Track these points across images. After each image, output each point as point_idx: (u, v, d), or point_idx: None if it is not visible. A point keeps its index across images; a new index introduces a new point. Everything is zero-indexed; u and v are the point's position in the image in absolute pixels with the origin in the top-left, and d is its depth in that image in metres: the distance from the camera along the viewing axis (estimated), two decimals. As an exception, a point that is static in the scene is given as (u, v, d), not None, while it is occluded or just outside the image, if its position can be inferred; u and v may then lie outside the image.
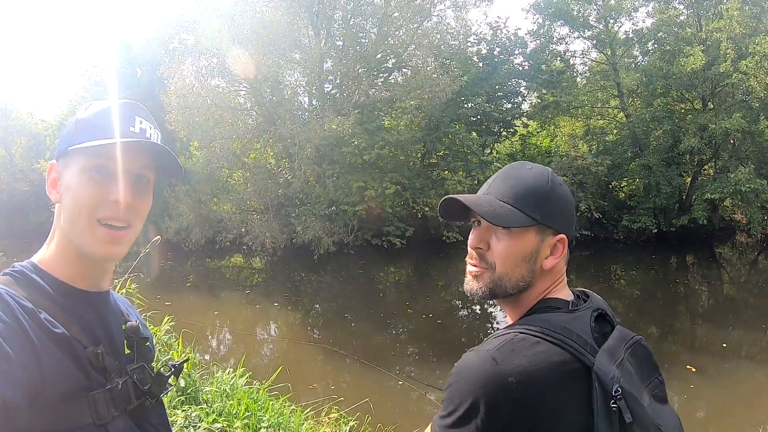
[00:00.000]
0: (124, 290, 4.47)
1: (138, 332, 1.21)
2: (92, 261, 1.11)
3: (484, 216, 1.14)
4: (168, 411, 3.61)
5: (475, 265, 1.19)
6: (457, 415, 1.00)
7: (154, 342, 4.46)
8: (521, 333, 1.06)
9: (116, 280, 4.57)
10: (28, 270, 1.07)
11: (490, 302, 1.24)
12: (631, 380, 1.07)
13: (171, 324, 4.92)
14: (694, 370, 8.59)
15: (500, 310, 1.35)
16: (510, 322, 1.21)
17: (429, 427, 1.07)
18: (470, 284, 1.20)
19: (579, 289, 1.27)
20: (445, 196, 1.22)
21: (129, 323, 1.21)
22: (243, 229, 18.63)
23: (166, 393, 1.22)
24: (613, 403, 1.00)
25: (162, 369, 1.21)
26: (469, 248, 1.21)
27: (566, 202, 1.19)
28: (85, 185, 1.07)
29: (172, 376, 1.23)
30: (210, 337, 10.58)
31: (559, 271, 1.20)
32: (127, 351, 1.18)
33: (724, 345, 10.06)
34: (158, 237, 4.16)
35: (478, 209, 1.15)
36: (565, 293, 1.20)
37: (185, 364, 4.20)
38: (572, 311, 1.14)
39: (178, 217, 18.98)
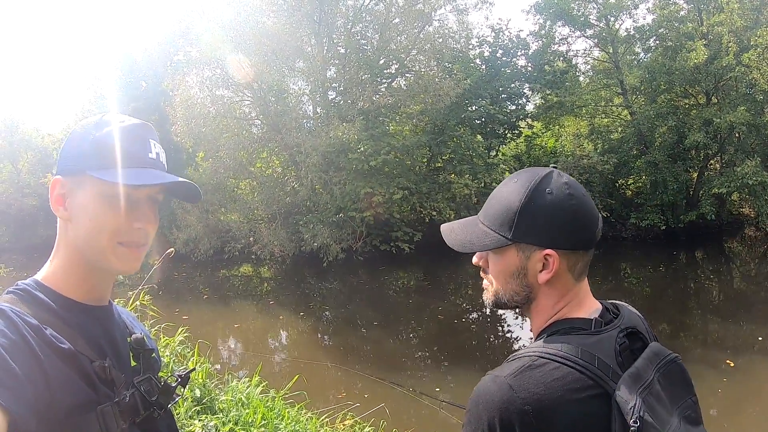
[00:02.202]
0: (138, 302, 4.50)
1: (143, 344, 1.22)
2: (104, 276, 1.15)
3: (452, 246, 1.24)
4: (185, 421, 3.64)
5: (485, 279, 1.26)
6: None
7: (170, 353, 4.49)
8: (541, 357, 1.04)
9: (130, 293, 4.60)
10: (31, 287, 1.08)
11: None
12: (659, 403, 1.03)
13: (185, 335, 4.94)
14: (732, 365, 8.57)
15: (511, 313, 1.37)
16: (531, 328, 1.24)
17: None
18: (484, 295, 1.26)
19: (611, 302, 1.24)
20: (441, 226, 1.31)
21: (134, 336, 1.23)
22: (251, 239, 18.65)
23: (174, 403, 1.24)
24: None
25: (168, 379, 1.23)
26: None
27: (552, 213, 1.12)
28: (107, 211, 1.09)
29: (180, 386, 1.25)
30: (224, 347, 10.62)
31: (565, 285, 1.15)
32: (133, 363, 1.19)
33: (760, 338, 9.98)
34: (172, 249, 4.20)
35: (447, 240, 1.26)
36: (587, 311, 1.16)
37: (200, 375, 4.23)
38: (595, 333, 1.09)
39: (186, 228, 19.02)
